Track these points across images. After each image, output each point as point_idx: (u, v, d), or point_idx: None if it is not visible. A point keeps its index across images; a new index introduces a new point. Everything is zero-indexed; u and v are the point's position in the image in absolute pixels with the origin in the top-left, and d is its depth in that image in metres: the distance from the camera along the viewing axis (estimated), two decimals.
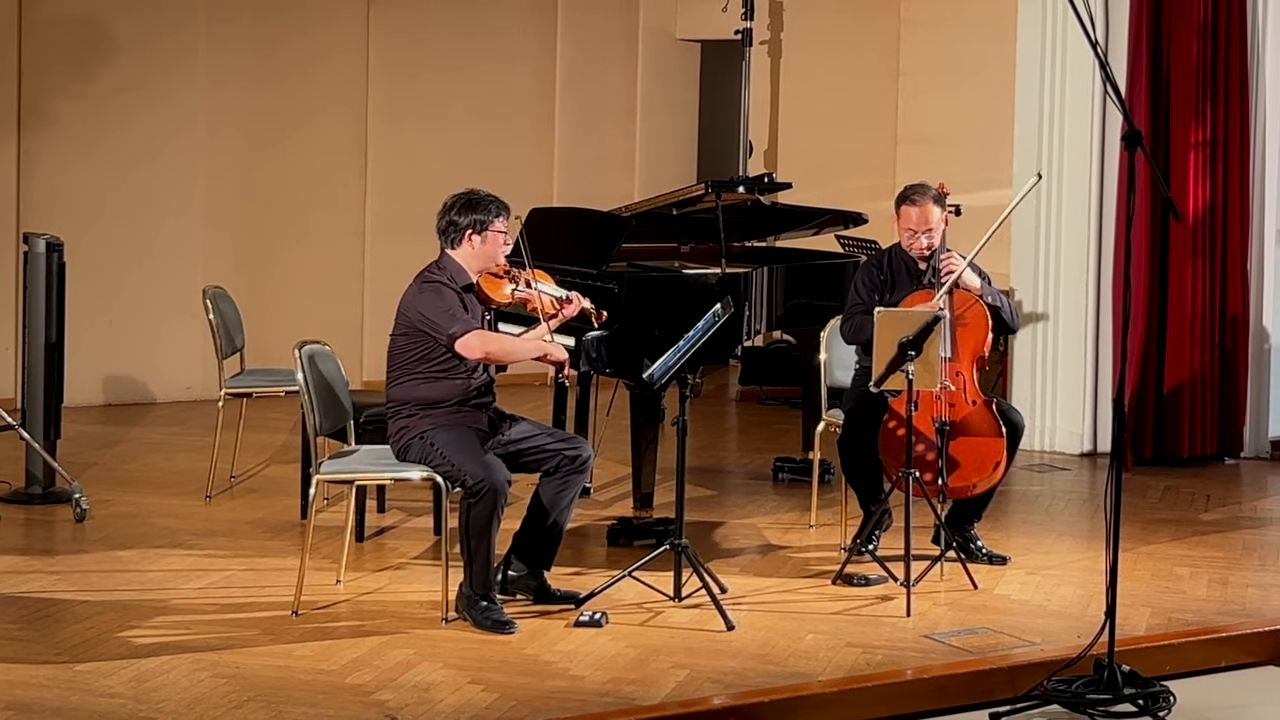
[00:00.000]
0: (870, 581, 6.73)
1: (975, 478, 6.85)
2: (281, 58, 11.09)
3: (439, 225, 6.36)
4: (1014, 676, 5.75)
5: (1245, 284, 9.49)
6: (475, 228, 6.29)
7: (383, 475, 6.52)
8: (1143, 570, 7.06)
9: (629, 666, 5.68)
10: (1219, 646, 6.21)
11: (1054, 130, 9.59)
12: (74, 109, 10.43)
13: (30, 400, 7.89)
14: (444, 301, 6.23)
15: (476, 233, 6.29)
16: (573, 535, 7.05)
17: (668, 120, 12.68)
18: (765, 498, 8.44)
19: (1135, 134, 5.57)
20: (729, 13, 11.96)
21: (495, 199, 6.36)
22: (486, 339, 6.26)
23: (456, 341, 6.18)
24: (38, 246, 7.90)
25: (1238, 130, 9.38)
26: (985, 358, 6.96)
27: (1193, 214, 9.25)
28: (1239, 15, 9.38)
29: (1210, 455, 9.48)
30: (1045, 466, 9.32)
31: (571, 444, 6.38)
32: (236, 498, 8.14)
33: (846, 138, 12.25)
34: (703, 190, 8.19)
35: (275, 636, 5.93)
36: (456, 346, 6.19)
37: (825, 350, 7.62)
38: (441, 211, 6.36)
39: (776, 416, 10.96)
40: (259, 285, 10.77)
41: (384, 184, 11.46)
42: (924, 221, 7.06)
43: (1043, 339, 9.70)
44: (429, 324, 6.22)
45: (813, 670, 5.71)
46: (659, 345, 6.60)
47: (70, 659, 5.61)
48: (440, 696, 5.34)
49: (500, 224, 6.32)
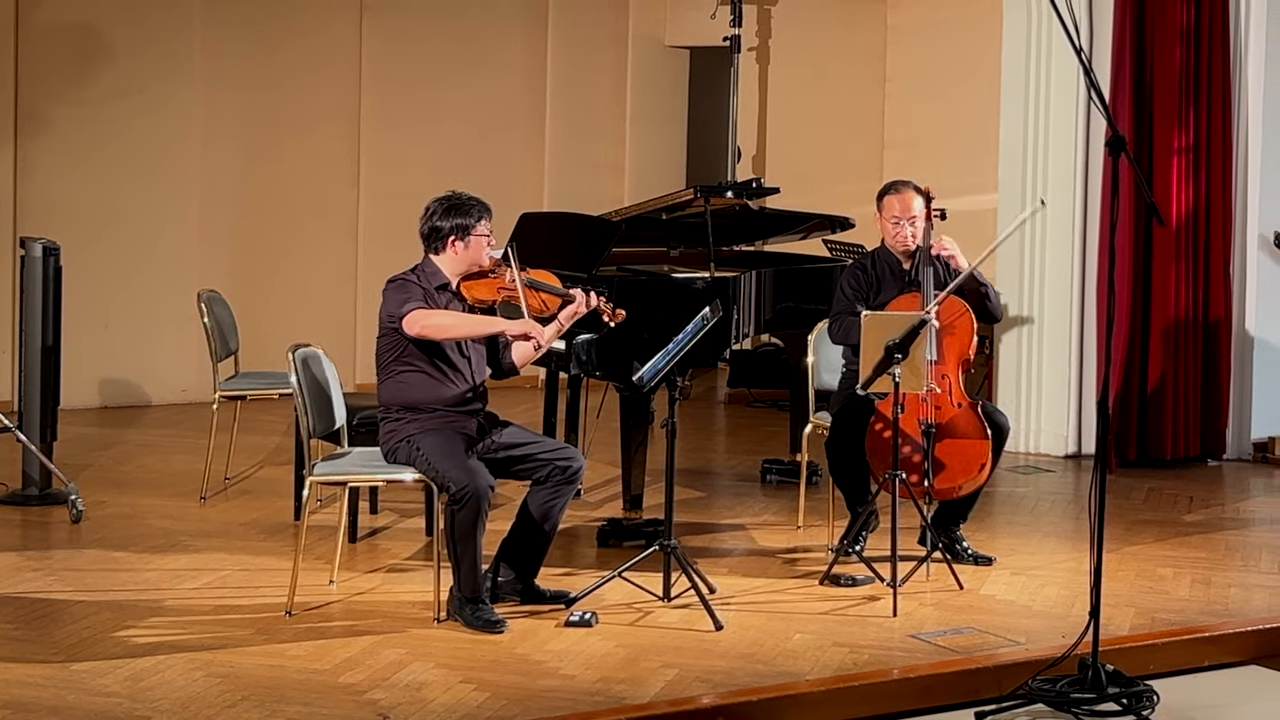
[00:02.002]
0: (857, 582, 6.74)
1: (961, 479, 6.86)
2: (276, 65, 11.13)
3: (421, 230, 6.29)
4: (999, 676, 5.74)
5: (1228, 287, 9.52)
6: (458, 234, 6.24)
7: (375, 477, 6.53)
8: (1126, 571, 7.08)
9: (619, 666, 5.69)
10: (1202, 646, 6.22)
11: (1039, 136, 9.63)
12: (71, 115, 10.46)
13: (27, 403, 7.90)
14: (403, 293, 6.17)
15: (460, 239, 6.24)
16: (563, 536, 7.05)
17: (657, 126, 12.70)
18: (753, 499, 8.47)
19: (1119, 139, 5.59)
20: (717, 20, 11.97)
21: (477, 201, 6.29)
22: (426, 314, 6.11)
23: (402, 321, 6.10)
24: (34, 251, 7.91)
25: (1220, 135, 9.42)
26: (971, 360, 6.97)
27: (1176, 218, 9.29)
28: (1221, 22, 9.41)
29: (1193, 457, 9.52)
30: (1030, 468, 9.34)
31: (563, 454, 6.33)
32: (231, 499, 8.16)
33: (833, 143, 12.26)
34: (692, 195, 8.19)
35: (269, 636, 5.93)
36: (401, 325, 6.11)
37: (813, 353, 7.63)
38: (424, 216, 6.30)
39: (764, 419, 11.00)
40: (253, 289, 10.80)
41: (377, 189, 11.49)
42: (907, 209, 7.07)
43: (1028, 342, 9.73)
44: (387, 315, 6.18)
45: (800, 670, 5.71)
46: (648, 348, 6.62)
47: (66, 658, 5.61)
48: (432, 696, 5.35)
49: (482, 228, 6.26)
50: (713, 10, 12.00)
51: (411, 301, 6.14)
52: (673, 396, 6.46)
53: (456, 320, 6.22)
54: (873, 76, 12.47)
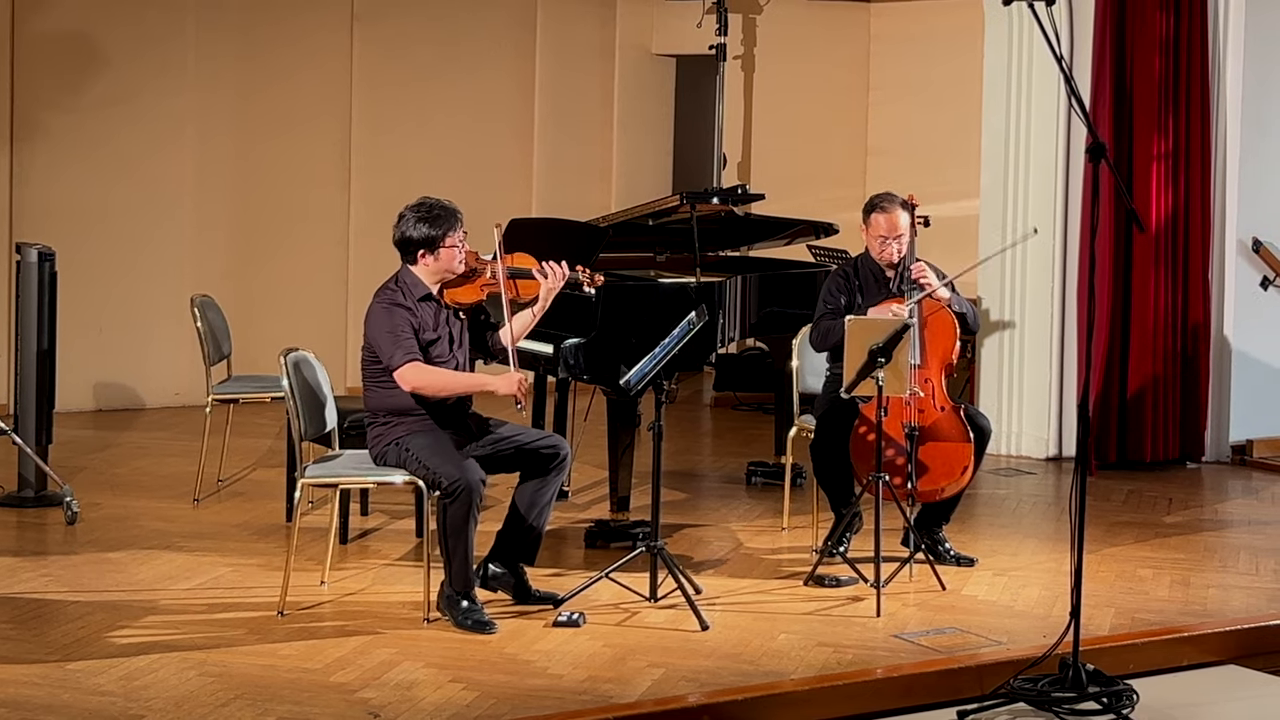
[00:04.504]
0: (841, 583, 6.77)
1: (944, 481, 6.89)
2: (267, 70, 11.15)
3: (394, 238, 6.29)
4: (981, 675, 5.77)
5: (1206, 292, 9.56)
6: (426, 247, 6.23)
7: (365, 479, 6.56)
8: (1107, 572, 7.10)
9: (606, 665, 5.71)
10: (1181, 646, 6.25)
11: (1020, 143, 9.66)
12: (65, 121, 10.47)
13: (22, 406, 7.91)
14: (390, 322, 6.18)
15: (429, 252, 6.24)
16: (551, 537, 7.06)
17: (644, 132, 12.70)
18: (739, 501, 8.49)
19: (1099, 146, 5.61)
20: (704, 28, 11.98)
21: (449, 211, 6.27)
22: (420, 373, 6.16)
23: (394, 373, 6.16)
24: (30, 256, 7.91)
25: (1199, 142, 9.45)
26: (953, 364, 7.01)
27: (1155, 224, 9.32)
28: (1200, 31, 9.45)
29: (1172, 459, 9.56)
30: (1012, 471, 9.37)
31: (549, 442, 6.37)
32: (223, 501, 8.17)
33: (818, 150, 12.29)
34: (678, 201, 8.22)
35: (261, 636, 5.95)
36: (395, 377, 6.17)
37: (797, 357, 7.66)
38: (396, 223, 6.29)
39: (750, 422, 11.02)
40: (246, 294, 10.84)
41: (367, 194, 11.49)
42: (893, 229, 7.11)
43: (1009, 346, 9.75)
44: (376, 346, 6.22)
45: (785, 669, 5.72)
46: (635, 352, 6.65)
47: (61, 658, 5.63)
48: (422, 695, 5.37)
49: (453, 238, 6.24)
50: (699, 19, 12.03)
51: (399, 340, 6.16)
52: (659, 400, 6.48)
53: (450, 381, 6.26)
54: (856, 84, 12.52)
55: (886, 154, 12.20)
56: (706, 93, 12.58)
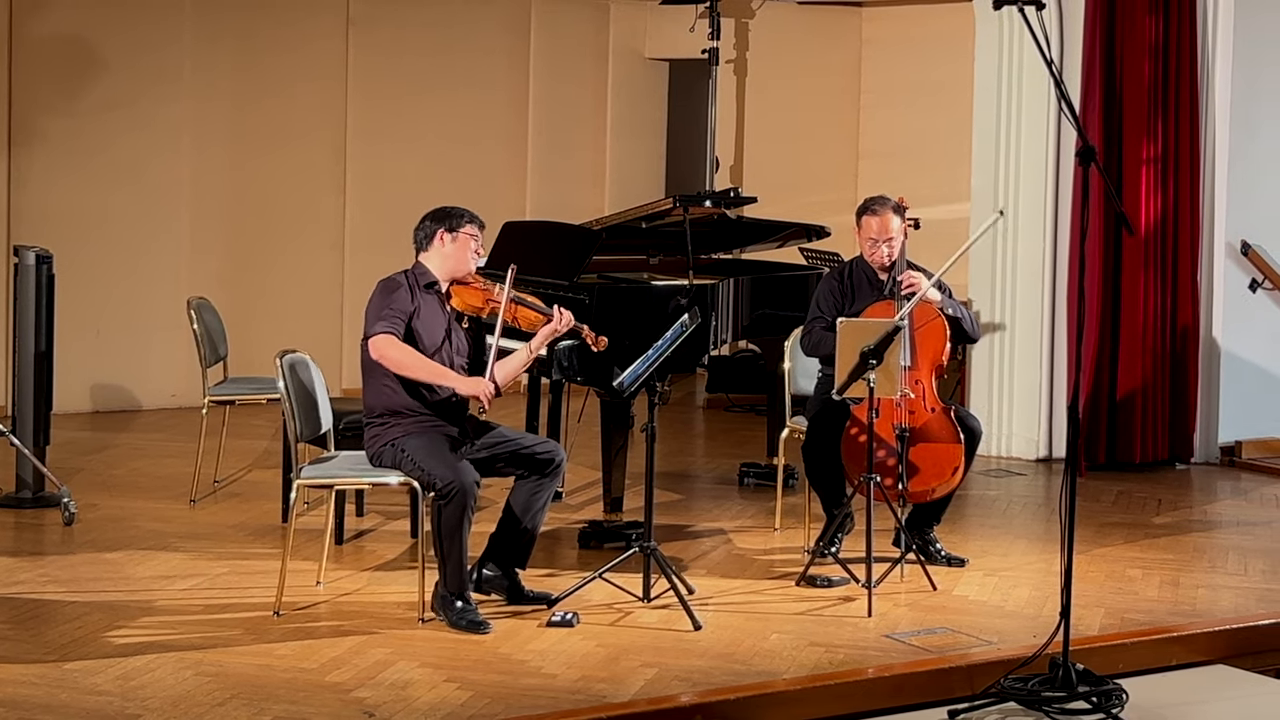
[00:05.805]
0: (833, 583, 6.79)
1: (934, 482, 6.91)
2: (264, 78, 11.17)
3: (415, 235, 6.38)
4: (972, 675, 5.77)
5: (1195, 295, 9.57)
6: (446, 226, 6.30)
7: (361, 480, 6.59)
8: (1096, 572, 7.13)
9: (599, 665, 5.72)
10: (1170, 646, 6.26)
11: (1010, 146, 9.68)
12: (63, 126, 10.49)
13: (20, 407, 7.92)
14: (385, 300, 6.21)
15: (448, 231, 6.29)
16: (545, 538, 7.06)
17: (637, 137, 12.74)
18: (731, 502, 8.50)
19: (1089, 150, 5.62)
20: (696, 33, 12.02)
21: (469, 211, 6.39)
22: (391, 345, 6.12)
23: (369, 340, 6.16)
24: (28, 259, 7.93)
25: (1188, 146, 9.47)
26: (944, 366, 7.03)
27: (1145, 227, 9.34)
28: (1189, 36, 9.47)
29: (1162, 461, 9.58)
30: (1002, 472, 9.39)
31: (545, 447, 6.39)
32: (220, 502, 8.19)
33: (810, 153, 12.32)
34: (671, 204, 8.24)
35: (257, 636, 5.96)
36: (368, 343, 6.17)
37: (789, 359, 7.69)
38: (419, 223, 6.38)
39: (742, 423, 11.03)
40: (242, 296, 10.86)
41: (362, 199, 11.53)
42: (884, 230, 7.13)
43: (999, 348, 9.78)
44: (366, 320, 6.23)
45: (777, 669, 5.73)
46: (629, 354, 6.67)
47: (59, 658, 5.63)
48: (417, 694, 5.38)
49: (471, 229, 6.32)
50: (691, 24, 12.06)
51: (385, 321, 6.17)
52: (652, 401, 6.52)
53: (415, 362, 6.18)
54: (848, 88, 12.56)
55: (878, 157, 12.23)
56: (699, 97, 12.60)
